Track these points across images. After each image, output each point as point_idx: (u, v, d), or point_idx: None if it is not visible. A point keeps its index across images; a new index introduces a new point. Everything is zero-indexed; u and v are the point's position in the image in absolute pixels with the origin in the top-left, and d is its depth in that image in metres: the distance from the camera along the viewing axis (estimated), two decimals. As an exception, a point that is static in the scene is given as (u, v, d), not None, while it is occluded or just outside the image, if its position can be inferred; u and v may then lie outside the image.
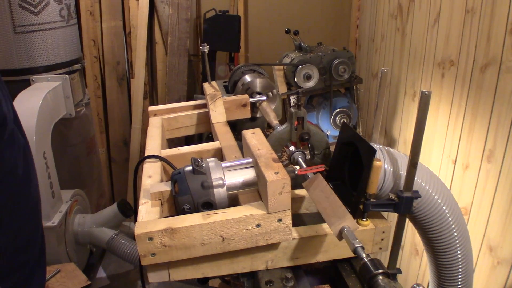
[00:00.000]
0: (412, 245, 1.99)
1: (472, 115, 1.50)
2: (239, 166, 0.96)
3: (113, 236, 2.34)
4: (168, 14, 3.00)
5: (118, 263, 2.76)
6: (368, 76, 2.69)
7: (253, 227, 0.87)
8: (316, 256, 0.99)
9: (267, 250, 0.95)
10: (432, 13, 1.78)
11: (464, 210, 1.53)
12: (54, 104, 2.07)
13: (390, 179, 1.02)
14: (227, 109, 1.44)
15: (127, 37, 3.13)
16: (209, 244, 0.87)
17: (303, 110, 1.12)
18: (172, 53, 3.04)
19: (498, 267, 1.37)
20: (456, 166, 1.61)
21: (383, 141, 2.37)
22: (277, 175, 0.84)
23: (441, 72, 1.71)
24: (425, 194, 1.03)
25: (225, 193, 0.92)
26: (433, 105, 1.78)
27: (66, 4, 2.21)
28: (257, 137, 1.02)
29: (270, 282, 0.94)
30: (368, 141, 0.97)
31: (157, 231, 0.84)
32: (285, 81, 2.12)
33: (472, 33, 1.49)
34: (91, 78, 3.07)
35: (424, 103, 0.89)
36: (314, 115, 2.23)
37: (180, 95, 3.10)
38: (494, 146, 1.37)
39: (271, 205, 0.85)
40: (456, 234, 1.08)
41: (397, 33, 2.17)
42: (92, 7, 2.97)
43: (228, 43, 2.91)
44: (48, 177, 1.95)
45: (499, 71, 1.34)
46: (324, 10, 3.22)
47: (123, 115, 3.23)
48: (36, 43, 2.08)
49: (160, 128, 1.38)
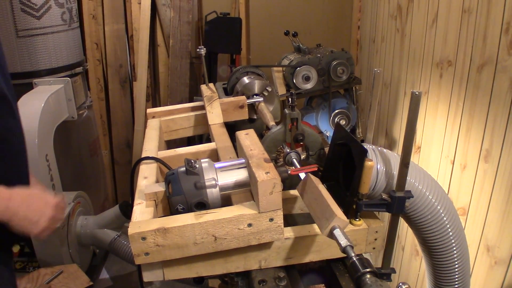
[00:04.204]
0: (413, 246, 1.99)
1: (470, 115, 1.50)
2: (232, 166, 0.97)
3: (116, 237, 2.35)
4: (170, 17, 3.03)
5: (121, 265, 2.77)
6: (369, 77, 2.69)
7: (245, 227, 0.88)
8: (309, 256, 1.00)
9: (260, 249, 0.96)
10: (430, 14, 1.79)
11: (462, 210, 1.53)
12: (56, 107, 2.09)
13: (382, 179, 1.03)
14: (225, 110, 1.45)
15: (130, 40, 3.16)
16: (202, 244, 0.88)
17: (297, 111, 1.13)
18: (174, 56, 3.06)
19: (495, 267, 1.36)
20: (454, 166, 1.61)
21: (383, 142, 2.37)
22: (268, 175, 0.85)
23: (439, 72, 1.71)
24: (418, 193, 1.03)
25: (218, 194, 0.93)
26: (432, 105, 1.78)
27: (68, 8, 2.24)
28: (250, 138, 1.03)
29: (263, 282, 0.95)
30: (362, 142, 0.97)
31: (150, 230, 0.85)
32: (284, 82, 2.13)
33: (469, 33, 1.49)
34: (94, 81, 3.10)
35: (414, 103, 0.90)
36: (314, 116, 2.23)
37: (182, 97, 3.12)
38: (491, 146, 1.37)
39: (262, 204, 0.86)
40: (451, 234, 1.08)
41: (396, 34, 2.18)
42: (95, 10, 3.00)
43: (229, 45, 2.93)
44: (51, 179, 1.97)
45: (495, 70, 1.34)
46: (325, 11, 3.23)
47: (126, 117, 3.25)
48: (38, 47, 2.11)
49: (158, 130, 1.40)
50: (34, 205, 1.00)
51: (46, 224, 1.02)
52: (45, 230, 1.03)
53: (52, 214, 1.03)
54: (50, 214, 1.03)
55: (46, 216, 1.02)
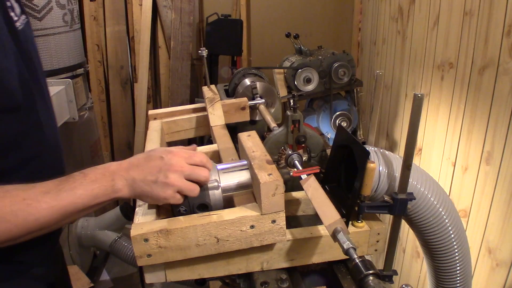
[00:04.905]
0: (414, 248, 1.98)
1: (471, 117, 1.50)
2: (234, 168, 0.97)
3: (116, 239, 2.36)
4: (171, 19, 3.03)
5: (121, 266, 2.78)
6: (370, 79, 2.69)
7: (247, 228, 0.88)
8: (312, 257, 1.00)
9: (262, 251, 0.96)
10: (431, 16, 1.79)
11: (464, 212, 1.53)
12: (57, 108, 2.09)
13: (384, 181, 1.03)
14: (226, 112, 1.45)
15: (131, 42, 3.17)
16: (204, 245, 0.88)
17: (299, 113, 1.13)
18: (175, 57, 3.06)
19: (497, 269, 1.36)
20: (455, 169, 1.61)
21: (384, 144, 2.37)
22: (270, 176, 0.85)
23: (441, 74, 1.71)
24: (420, 196, 1.03)
25: (220, 195, 0.93)
26: (433, 107, 1.78)
27: (69, 9, 2.24)
28: (252, 139, 1.03)
29: (266, 283, 0.95)
30: (364, 144, 0.97)
31: (152, 232, 0.85)
32: (286, 84, 2.13)
33: (471, 35, 1.49)
34: (95, 82, 3.11)
35: (417, 105, 0.90)
36: (315, 118, 2.24)
37: (183, 99, 3.12)
38: (492, 148, 1.37)
39: (265, 206, 0.86)
40: (453, 236, 1.08)
41: (397, 36, 2.18)
42: (96, 12, 3.01)
43: (230, 47, 2.93)
44: (51, 181, 1.97)
45: (497, 73, 1.34)
46: (326, 13, 3.24)
47: (126, 119, 3.26)
48: (39, 48, 2.10)
49: (160, 132, 1.40)
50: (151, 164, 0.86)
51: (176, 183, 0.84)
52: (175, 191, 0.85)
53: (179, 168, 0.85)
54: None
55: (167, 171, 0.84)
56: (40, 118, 0.98)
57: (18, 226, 0.78)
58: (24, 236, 0.81)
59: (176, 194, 0.85)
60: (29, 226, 0.79)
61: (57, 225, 0.84)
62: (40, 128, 0.98)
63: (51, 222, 0.81)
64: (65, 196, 0.81)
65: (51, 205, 0.80)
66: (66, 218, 0.83)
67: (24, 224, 0.78)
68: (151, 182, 0.84)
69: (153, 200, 0.87)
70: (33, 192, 0.80)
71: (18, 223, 0.78)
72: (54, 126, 1.09)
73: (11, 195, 0.78)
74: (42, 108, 0.99)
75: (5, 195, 0.78)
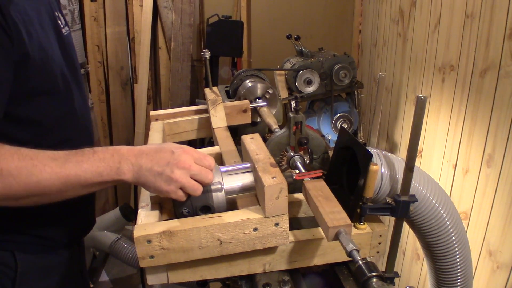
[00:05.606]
0: (414, 250, 1.99)
1: (472, 120, 1.50)
2: (237, 170, 0.97)
3: (116, 240, 2.36)
4: (171, 20, 3.03)
5: (121, 267, 2.77)
6: (370, 81, 2.70)
7: (251, 231, 0.88)
8: (314, 259, 1.00)
9: (264, 253, 0.96)
10: (432, 18, 1.79)
11: (464, 214, 1.54)
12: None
13: (387, 183, 1.03)
14: (228, 114, 1.45)
15: (131, 43, 3.16)
16: (207, 248, 0.88)
17: (302, 114, 1.13)
18: (175, 59, 3.06)
19: (497, 271, 1.37)
20: (456, 171, 1.61)
21: (384, 146, 2.38)
22: (274, 179, 0.85)
23: (442, 77, 1.72)
24: (422, 198, 1.04)
25: (224, 197, 0.93)
26: (434, 110, 1.79)
27: (69, 10, 2.24)
28: (256, 142, 1.03)
29: (268, 285, 0.95)
30: (365, 146, 0.98)
31: (155, 234, 0.85)
32: (287, 86, 2.13)
33: (472, 38, 1.49)
34: (95, 83, 3.10)
35: (420, 108, 0.90)
36: (316, 120, 2.24)
37: (183, 100, 3.12)
38: (494, 150, 1.38)
39: (268, 209, 0.86)
40: (454, 238, 1.08)
41: (398, 38, 2.18)
42: (97, 12, 3.01)
43: (231, 48, 2.93)
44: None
45: (498, 75, 1.34)
46: (327, 15, 3.24)
47: (126, 119, 3.26)
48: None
49: (161, 133, 1.40)
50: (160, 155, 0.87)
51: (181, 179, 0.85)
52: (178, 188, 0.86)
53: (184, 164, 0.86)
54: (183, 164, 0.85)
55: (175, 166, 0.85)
56: (75, 106, 1.09)
57: (20, 184, 0.81)
58: (24, 198, 0.84)
59: (178, 190, 0.87)
60: (30, 187, 0.82)
61: (58, 195, 0.86)
62: (75, 115, 1.09)
63: (52, 188, 0.83)
64: (70, 167, 0.84)
65: (55, 171, 0.83)
66: (68, 189, 0.85)
67: (26, 182, 0.81)
68: (157, 174, 0.86)
69: (155, 191, 0.89)
70: (41, 156, 0.84)
71: (20, 180, 0.81)
72: (88, 117, 1.20)
73: (21, 153, 0.82)
74: (78, 98, 1.10)
75: (16, 152, 0.82)
